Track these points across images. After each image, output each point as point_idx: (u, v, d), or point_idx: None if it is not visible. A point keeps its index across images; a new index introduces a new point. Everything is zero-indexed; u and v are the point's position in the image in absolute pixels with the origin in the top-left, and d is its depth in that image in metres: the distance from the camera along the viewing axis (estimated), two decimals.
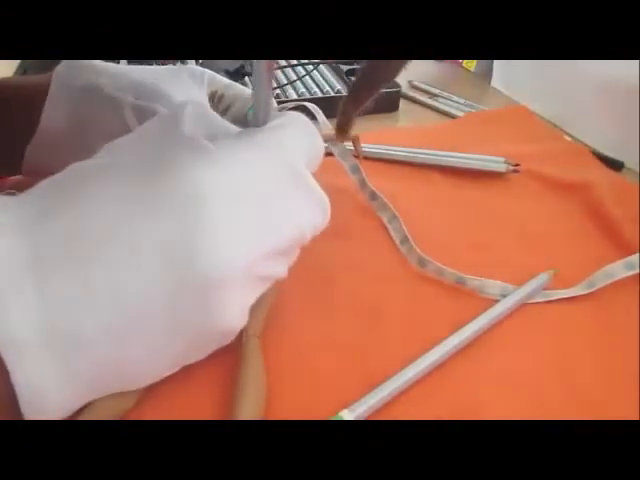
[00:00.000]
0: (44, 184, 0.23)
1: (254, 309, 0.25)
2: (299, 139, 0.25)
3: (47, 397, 0.20)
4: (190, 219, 0.21)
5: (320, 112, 0.39)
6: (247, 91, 0.38)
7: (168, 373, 0.24)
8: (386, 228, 0.38)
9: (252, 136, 0.24)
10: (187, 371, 0.24)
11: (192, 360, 0.24)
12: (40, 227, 0.20)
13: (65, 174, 0.23)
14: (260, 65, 0.24)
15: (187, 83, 0.35)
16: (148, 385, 0.24)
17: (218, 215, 0.21)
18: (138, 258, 0.20)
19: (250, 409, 0.24)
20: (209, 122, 0.26)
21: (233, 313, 0.22)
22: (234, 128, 0.26)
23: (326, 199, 0.25)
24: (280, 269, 0.24)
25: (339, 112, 0.35)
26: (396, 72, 0.32)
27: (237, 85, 0.38)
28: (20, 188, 0.23)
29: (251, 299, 0.24)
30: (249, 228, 0.22)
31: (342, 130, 0.35)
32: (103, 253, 0.20)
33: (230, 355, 0.27)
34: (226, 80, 0.38)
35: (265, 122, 0.25)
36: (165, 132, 0.24)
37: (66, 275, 0.20)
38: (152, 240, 0.21)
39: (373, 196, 0.39)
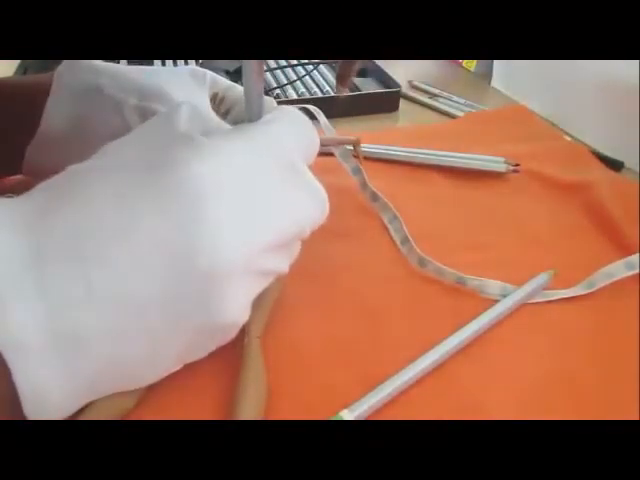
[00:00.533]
0: (43, 185, 0.23)
1: (256, 310, 0.25)
2: (293, 132, 0.25)
3: (49, 397, 0.20)
4: (187, 215, 0.21)
5: (321, 114, 0.40)
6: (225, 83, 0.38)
7: (170, 371, 0.24)
8: (386, 228, 0.38)
9: (246, 131, 0.24)
10: (188, 372, 0.24)
11: (193, 358, 0.24)
12: (40, 226, 0.20)
13: (64, 175, 0.23)
14: (250, 78, 0.24)
15: (189, 84, 0.35)
16: (149, 385, 0.24)
17: (215, 210, 0.21)
18: (138, 256, 0.20)
19: (250, 411, 0.24)
20: (204, 122, 0.26)
21: (234, 308, 0.22)
22: (229, 128, 0.26)
23: (323, 192, 0.25)
24: (280, 264, 0.24)
25: (338, 66, 0.36)
26: None
27: (238, 87, 0.38)
28: (20, 188, 0.23)
29: (252, 294, 0.24)
30: (247, 222, 0.22)
31: (343, 78, 0.36)
32: (103, 252, 0.20)
33: (231, 356, 0.27)
34: (228, 82, 0.38)
35: (258, 117, 0.26)
36: (161, 131, 0.24)
37: (66, 274, 0.20)
38: (151, 238, 0.21)
39: (374, 197, 0.39)
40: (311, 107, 0.38)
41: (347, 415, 0.25)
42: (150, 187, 0.21)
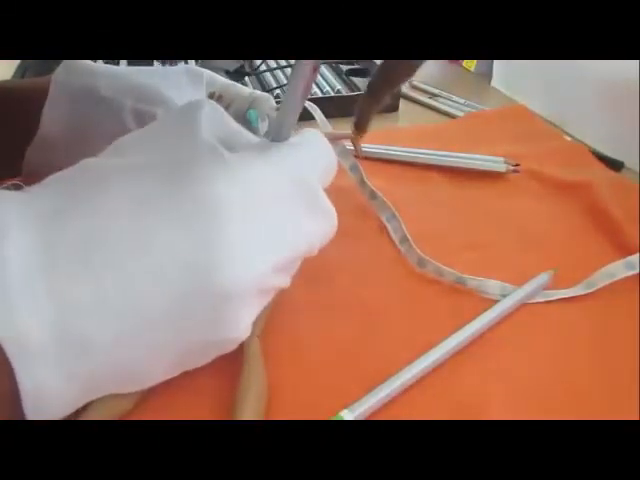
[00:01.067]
0: (58, 178, 0.23)
1: None
2: (316, 157, 0.26)
3: (49, 396, 0.20)
4: (207, 233, 0.21)
5: (318, 110, 0.39)
6: (245, 90, 0.38)
7: (168, 377, 0.24)
8: (386, 228, 0.38)
9: (272, 152, 0.25)
10: (188, 371, 0.24)
11: (193, 367, 0.24)
12: (54, 226, 0.20)
13: (80, 170, 0.23)
14: (296, 87, 0.24)
15: (186, 84, 0.35)
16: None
17: (235, 230, 0.21)
18: (153, 268, 0.20)
19: (252, 411, 0.24)
20: (225, 125, 0.26)
21: (243, 325, 0.23)
22: (249, 134, 0.27)
23: (334, 213, 0.26)
24: (286, 280, 0.25)
25: (357, 111, 0.35)
26: (416, 68, 0.32)
27: (235, 85, 0.38)
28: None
29: (258, 311, 0.24)
30: (264, 243, 0.22)
31: (360, 129, 0.35)
32: (117, 260, 0.20)
33: (231, 355, 0.27)
34: (225, 80, 0.38)
35: (286, 138, 0.26)
36: (183, 134, 0.24)
37: (78, 279, 0.20)
38: (168, 252, 0.21)
39: (372, 195, 0.39)
40: (307, 104, 0.38)
41: (347, 415, 0.25)
42: (173, 200, 0.21)
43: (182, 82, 0.35)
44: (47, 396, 0.20)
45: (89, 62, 0.34)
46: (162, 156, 0.23)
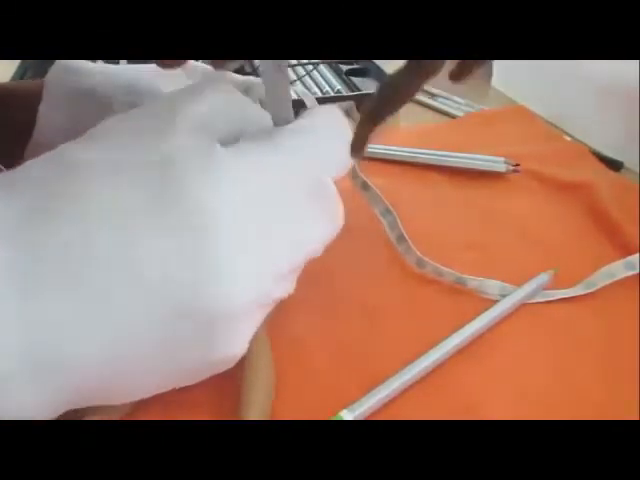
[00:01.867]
0: (32, 174, 0.21)
1: None
2: (326, 143, 0.23)
3: (24, 417, 0.19)
4: (197, 245, 0.19)
5: (308, 94, 0.39)
6: (239, 78, 0.38)
7: (161, 391, 0.23)
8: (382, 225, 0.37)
9: (273, 142, 0.22)
10: None
11: (186, 384, 0.23)
12: (30, 235, 0.19)
13: (55, 164, 0.21)
14: (267, 64, 0.23)
15: (180, 77, 0.35)
16: None
17: (227, 241, 0.20)
18: (138, 284, 0.19)
19: (257, 411, 0.24)
20: (235, 112, 0.23)
21: (238, 344, 0.21)
22: (267, 117, 0.24)
23: (342, 211, 0.23)
24: (290, 287, 0.23)
25: (354, 133, 0.33)
26: (419, 87, 0.30)
27: (233, 75, 0.38)
28: None
29: (258, 324, 0.22)
30: (262, 254, 0.20)
31: (358, 150, 0.34)
32: (99, 274, 0.18)
33: None
34: (219, 72, 0.37)
35: (288, 120, 0.24)
36: (165, 127, 0.21)
37: (54, 294, 0.18)
38: (155, 266, 0.19)
39: (365, 186, 0.38)
40: (299, 90, 0.38)
41: (347, 415, 0.25)
42: (158, 208, 0.19)
43: (177, 75, 0.35)
44: (22, 417, 0.19)
45: (82, 62, 0.34)
46: (145, 153, 0.21)
